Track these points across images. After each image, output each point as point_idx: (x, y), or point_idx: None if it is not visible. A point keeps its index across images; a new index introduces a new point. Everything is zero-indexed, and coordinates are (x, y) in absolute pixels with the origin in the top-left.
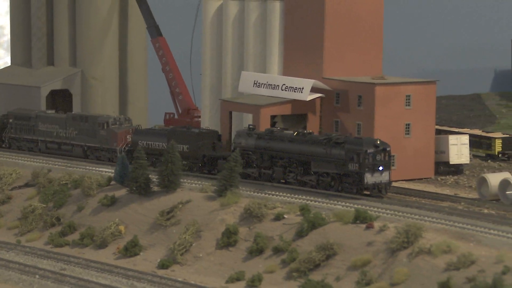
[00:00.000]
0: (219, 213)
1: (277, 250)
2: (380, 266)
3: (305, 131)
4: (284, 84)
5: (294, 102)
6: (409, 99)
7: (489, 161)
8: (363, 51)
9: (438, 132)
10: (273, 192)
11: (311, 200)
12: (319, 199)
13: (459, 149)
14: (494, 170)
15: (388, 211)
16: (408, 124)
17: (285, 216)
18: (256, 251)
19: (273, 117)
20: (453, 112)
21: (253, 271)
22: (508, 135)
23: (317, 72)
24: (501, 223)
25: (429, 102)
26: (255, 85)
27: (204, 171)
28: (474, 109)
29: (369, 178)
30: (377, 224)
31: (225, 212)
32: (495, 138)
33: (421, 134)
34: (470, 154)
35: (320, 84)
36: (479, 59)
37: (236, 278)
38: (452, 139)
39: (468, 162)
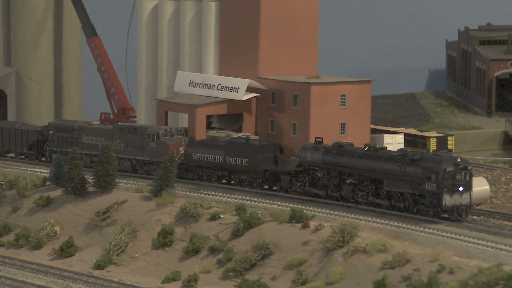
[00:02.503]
0: (155, 213)
1: (213, 250)
2: (316, 265)
3: (378, 146)
4: (220, 84)
5: (230, 101)
6: (344, 99)
7: None
8: (299, 51)
9: (374, 131)
10: (209, 192)
11: (247, 200)
12: (255, 199)
13: (394, 148)
14: None
15: (323, 211)
16: (344, 124)
17: (221, 216)
18: (192, 251)
19: (209, 116)
20: (388, 111)
21: (189, 271)
22: (442, 134)
23: (253, 71)
24: (436, 222)
25: (364, 102)
26: (190, 84)
27: (264, 187)
28: (409, 108)
29: (448, 200)
30: (312, 224)
31: (161, 212)
32: (430, 137)
33: (356, 133)
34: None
35: (255, 84)
36: (413, 59)
37: (172, 278)
38: (387, 138)
39: None
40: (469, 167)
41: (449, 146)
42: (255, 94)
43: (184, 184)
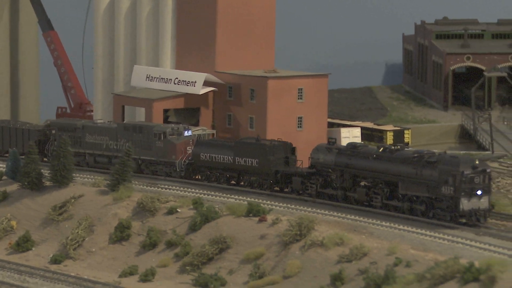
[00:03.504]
0: (112, 207)
1: (170, 244)
2: (273, 259)
3: (393, 147)
4: (177, 78)
5: (186, 96)
6: (301, 93)
7: None
8: (256, 45)
9: (330, 125)
10: (166, 186)
11: (204, 194)
12: (212, 193)
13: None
14: None
15: (280, 204)
16: (301, 117)
17: (178, 210)
18: (149, 245)
19: (165, 111)
20: (345, 105)
21: (146, 265)
22: (399, 128)
23: (210, 65)
24: (393, 216)
25: (321, 96)
26: (147, 79)
27: (275, 188)
28: (366, 102)
29: (466, 204)
30: (270, 217)
31: (118, 207)
32: (387, 130)
33: (313, 127)
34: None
35: (212, 78)
36: (370, 53)
37: (129, 272)
38: (344, 132)
39: None
40: (488, 170)
41: (406, 140)
42: (212, 88)
43: (141, 178)
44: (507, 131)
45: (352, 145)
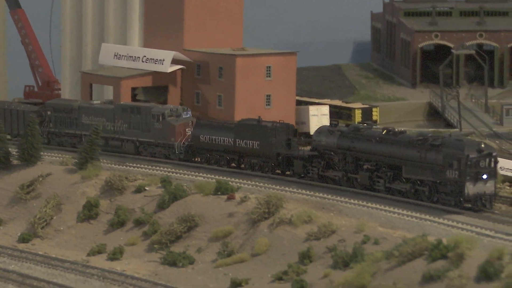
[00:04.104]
0: (80, 186)
1: (138, 223)
2: (241, 237)
3: (397, 130)
4: (145, 56)
5: (155, 74)
6: (269, 71)
7: None
8: (224, 23)
9: (299, 103)
10: (134, 164)
11: (172, 172)
12: (180, 171)
13: (319, 120)
14: None
15: (249, 182)
16: (269, 95)
17: (147, 188)
18: (117, 224)
19: (134, 89)
20: (313, 83)
21: (114, 243)
22: (367, 106)
23: (178, 44)
24: (361, 193)
25: (289, 73)
26: (115, 57)
27: (277, 171)
28: (335, 80)
29: (471, 189)
30: (238, 195)
31: (86, 185)
32: (355, 108)
33: (281, 105)
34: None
35: (181, 56)
36: (339, 31)
37: (98, 251)
38: (312, 110)
39: None
40: (494, 153)
41: (374, 118)
42: (180, 66)
43: (109, 156)
44: (475, 108)
45: (355, 128)
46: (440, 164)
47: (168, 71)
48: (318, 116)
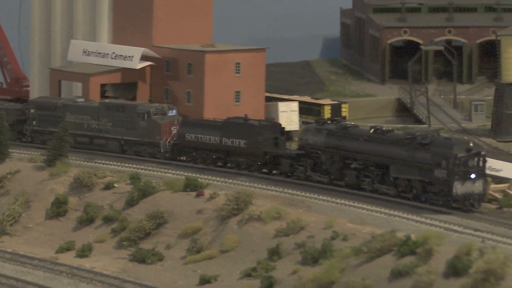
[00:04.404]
0: (49, 183)
1: (107, 219)
2: (211, 234)
3: (384, 128)
4: (114, 53)
5: (124, 70)
6: (238, 67)
7: None
8: (193, 19)
9: (268, 99)
10: (103, 161)
11: (141, 169)
12: (150, 167)
13: (289, 116)
14: None
15: (218, 179)
16: (238, 92)
17: (115, 185)
18: (86, 221)
19: (103, 85)
20: (283, 79)
21: (83, 240)
22: (336, 102)
23: (147, 40)
24: (330, 189)
25: (258, 70)
26: (84, 53)
27: (264, 170)
28: (304, 76)
29: (459, 188)
30: (207, 192)
31: (54, 182)
32: (324, 104)
33: (251, 101)
34: (300, 121)
35: (150, 52)
36: (308, 27)
37: (66, 248)
38: (282, 106)
39: (298, 129)
40: (483, 153)
41: (343, 114)
42: (149, 63)
43: (78, 153)
44: (443, 104)
45: (342, 126)
46: (428, 163)
47: (137, 68)
48: (288, 113)
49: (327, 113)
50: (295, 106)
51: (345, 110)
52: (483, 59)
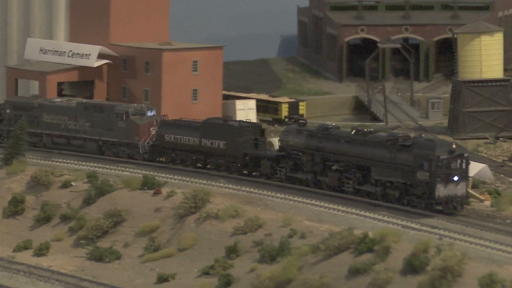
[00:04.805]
0: (6, 181)
1: (65, 218)
2: (168, 232)
3: (366, 130)
4: (71, 51)
5: (81, 68)
6: (196, 65)
7: (276, 125)
8: (150, 18)
9: (226, 97)
10: (61, 160)
11: (99, 167)
12: (107, 166)
13: (246, 114)
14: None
15: (175, 177)
16: (196, 90)
17: (73, 183)
18: (43, 219)
19: (60, 84)
20: (240, 77)
21: (40, 239)
22: (294, 100)
23: (104, 38)
24: (287, 187)
25: (216, 68)
26: (41, 51)
27: (244, 172)
28: (261, 74)
29: (442, 191)
30: (165, 190)
31: (11, 181)
32: (282, 102)
33: (208, 99)
34: (257, 118)
35: (107, 51)
36: (265, 25)
37: (24, 246)
38: (239, 104)
39: None
40: (466, 154)
41: (301, 112)
42: (106, 61)
43: (35, 152)
44: (400, 102)
45: (323, 127)
46: (410, 165)
47: (94, 66)
48: (245, 111)
49: (284, 111)
50: (252, 104)
51: (302, 108)
52: (440, 57)
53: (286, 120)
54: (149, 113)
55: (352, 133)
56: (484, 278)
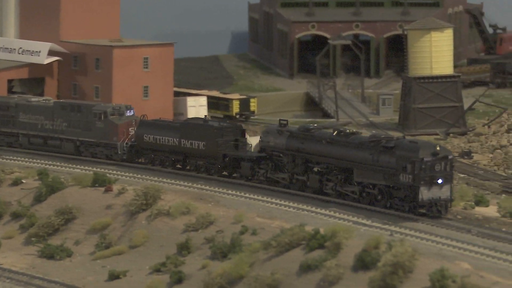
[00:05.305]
0: None
1: (15, 216)
2: (120, 229)
3: (348, 131)
4: (21, 48)
5: (31, 65)
6: (147, 62)
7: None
8: (101, 14)
9: (177, 94)
10: (11, 157)
11: (50, 164)
12: (58, 163)
13: (197, 111)
14: None
15: (126, 174)
16: (147, 87)
17: (23, 181)
18: None
19: (10, 81)
20: (192, 74)
21: None
22: (245, 96)
23: (55, 35)
24: (239, 184)
25: (167, 64)
26: None
27: (224, 173)
28: (212, 71)
29: (425, 194)
30: (116, 187)
31: None
32: (233, 99)
33: (159, 96)
34: (208, 115)
35: (57, 47)
36: (216, 21)
37: None
38: (190, 101)
39: None
40: (450, 157)
41: (252, 108)
42: (56, 58)
43: None
44: (351, 98)
45: (304, 128)
46: (393, 168)
47: (45, 63)
48: (196, 107)
49: (235, 107)
50: (203, 100)
51: (253, 105)
52: (390, 53)
53: (237, 116)
54: (128, 113)
55: (334, 134)
56: (435, 274)
